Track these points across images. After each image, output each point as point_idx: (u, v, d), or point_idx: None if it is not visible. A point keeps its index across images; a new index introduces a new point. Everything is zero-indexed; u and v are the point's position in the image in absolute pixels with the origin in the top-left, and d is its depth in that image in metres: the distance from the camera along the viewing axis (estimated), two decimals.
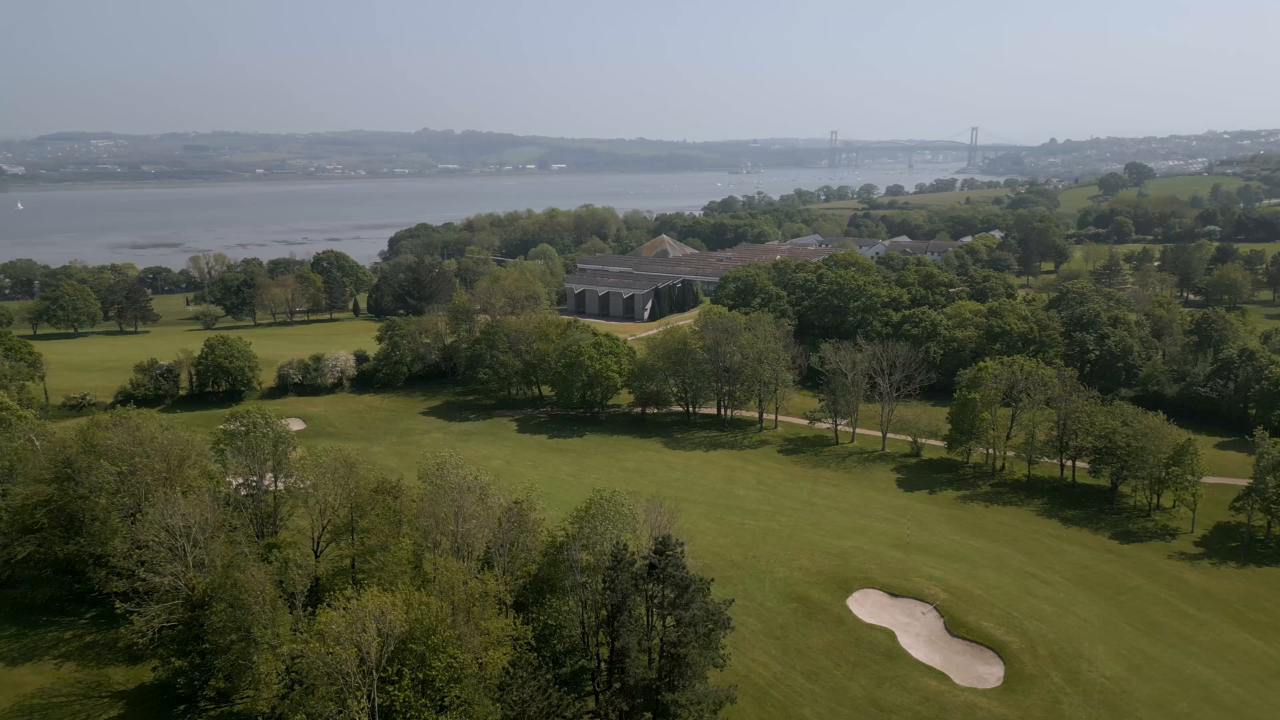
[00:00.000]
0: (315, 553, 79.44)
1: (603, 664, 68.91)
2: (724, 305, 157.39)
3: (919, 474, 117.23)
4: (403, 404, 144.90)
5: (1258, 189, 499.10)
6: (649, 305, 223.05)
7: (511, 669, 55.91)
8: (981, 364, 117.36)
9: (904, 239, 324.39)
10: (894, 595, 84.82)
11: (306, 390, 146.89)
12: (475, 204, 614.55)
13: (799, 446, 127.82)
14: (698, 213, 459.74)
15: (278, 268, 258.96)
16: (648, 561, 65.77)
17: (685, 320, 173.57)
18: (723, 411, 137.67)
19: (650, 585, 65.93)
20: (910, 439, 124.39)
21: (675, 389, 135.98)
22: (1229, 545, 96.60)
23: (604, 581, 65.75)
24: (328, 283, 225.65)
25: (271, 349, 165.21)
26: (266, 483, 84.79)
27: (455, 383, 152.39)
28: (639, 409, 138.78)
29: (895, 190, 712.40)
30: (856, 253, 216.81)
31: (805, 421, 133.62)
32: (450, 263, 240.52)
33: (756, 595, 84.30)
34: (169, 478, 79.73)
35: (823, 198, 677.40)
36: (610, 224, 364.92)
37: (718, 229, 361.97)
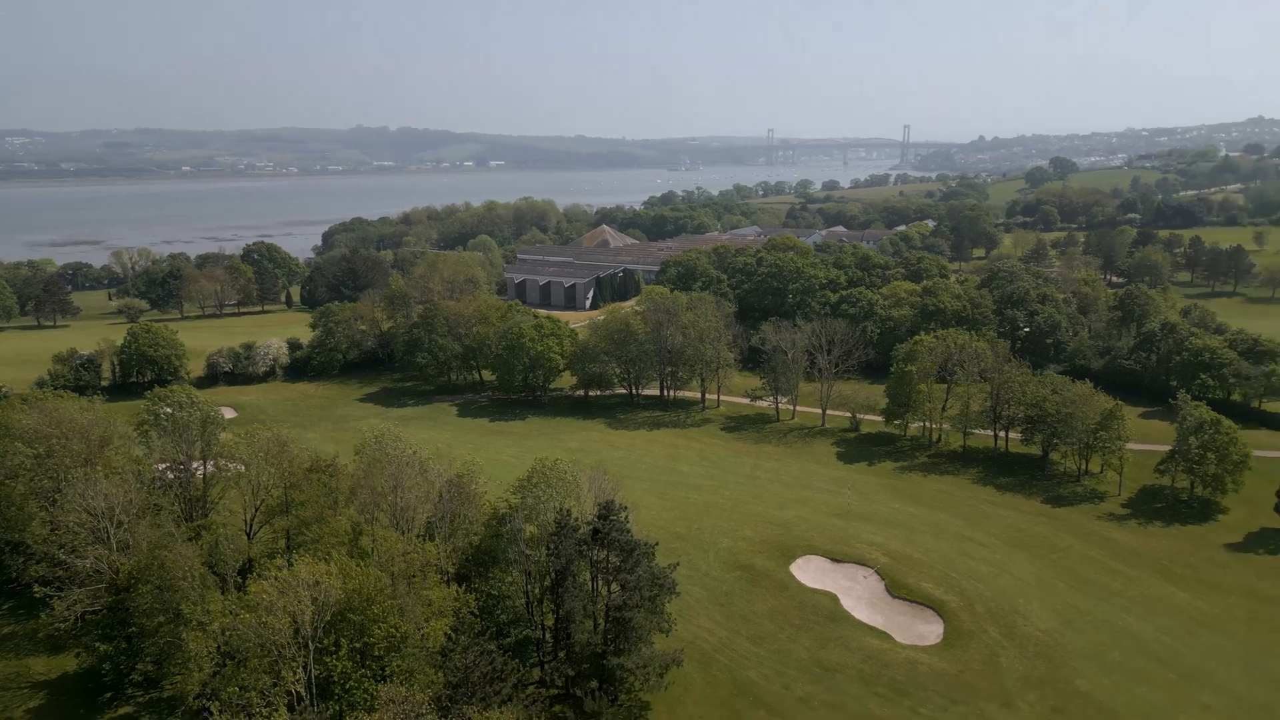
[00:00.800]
0: (248, 535, 76.91)
1: (547, 633, 68.14)
2: (666, 288, 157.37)
3: (858, 447, 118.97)
4: (338, 391, 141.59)
5: (1175, 181, 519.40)
6: (590, 294, 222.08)
7: (454, 634, 54.69)
8: (918, 338, 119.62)
9: (840, 229, 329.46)
10: (836, 561, 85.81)
11: (238, 379, 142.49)
12: (412, 200, 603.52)
13: (741, 424, 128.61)
14: (638, 207, 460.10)
15: (206, 261, 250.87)
16: (592, 527, 65.26)
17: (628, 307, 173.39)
18: (666, 392, 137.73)
19: (594, 550, 65.49)
20: (849, 414, 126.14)
21: (618, 371, 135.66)
22: (1154, 506, 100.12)
23: (548, 548, 65.02)
24: (259, 274, 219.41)
25: (200, 340, 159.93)
26: (195, 466, 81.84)
27: (393, 369, 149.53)
28: (582, 391, 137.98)
29: (831, 185, 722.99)
30: (795, 238, 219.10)
31: (747, 400, 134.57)
32: (387, 253, 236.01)
33: (701, 565, 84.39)
34: (89, 459, 76.31)
35: (761, 193, 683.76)
36: (550, 217, 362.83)
37: (658, 221, 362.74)
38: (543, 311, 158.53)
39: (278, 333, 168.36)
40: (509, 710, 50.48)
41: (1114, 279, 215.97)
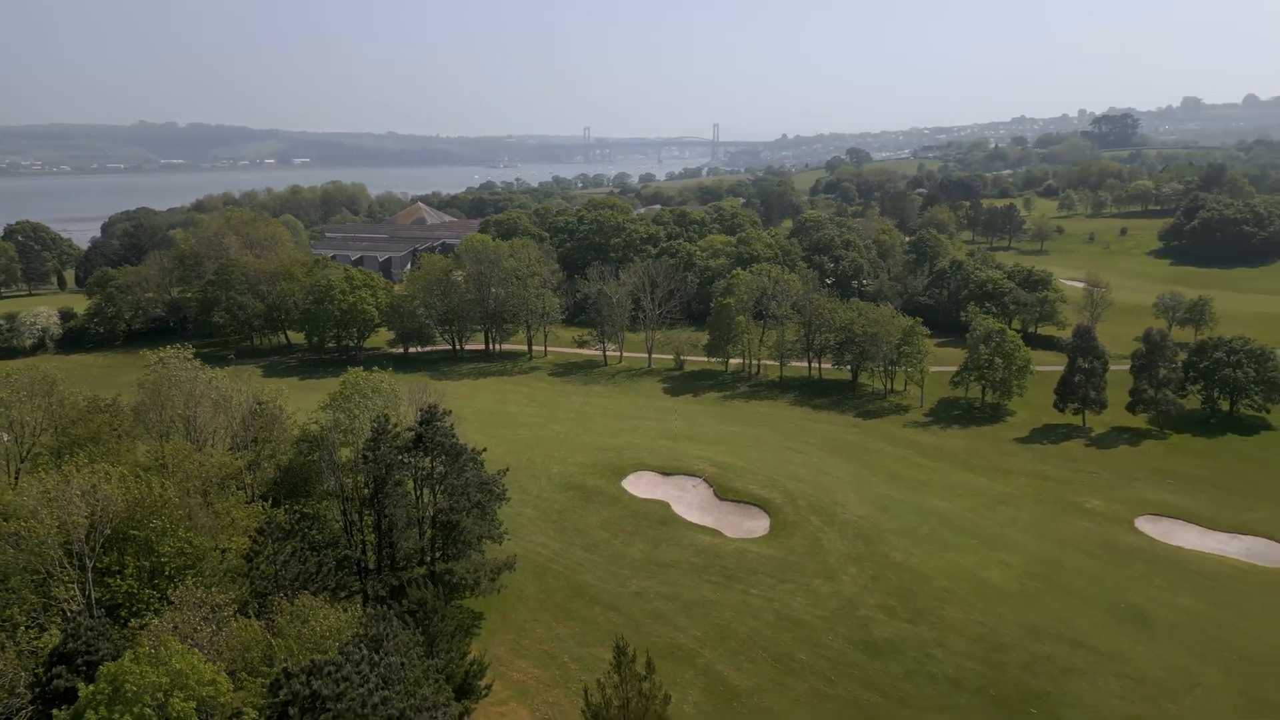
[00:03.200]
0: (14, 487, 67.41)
1: (369, 550, 63.92)
2: (487, 236, 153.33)
3: (683, 382, 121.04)
4: (123, 360, 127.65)
5: (953, 169, 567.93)
6: (407, 268, 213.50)
7: (259, 537, 49.91)
8: (735, 272, 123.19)
9: (657, 206, 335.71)
10: (666, 474, 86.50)
11: (1, 354, 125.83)
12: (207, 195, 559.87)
13: (569, 370, 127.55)
14: (458, 193, 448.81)
15: None
16: (414, 433, 61.81)
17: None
18: (491, 345, 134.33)
19: (417, 457, 62.09)
20: (674, 356, 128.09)
21: (438, 331, 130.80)
22: (952, 414, 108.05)
23: (364, 458, 60.84)
24: (24, 254, 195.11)
25: None
26: None
27: (187, 336, 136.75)
28: (401, 348, 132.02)
29: (648, 178, 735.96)
30: (616, 199, 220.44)
31: (575, 349, 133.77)
32: (178, 231, 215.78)
33: (533, 489, 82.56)
34: None
35: (580, 185, 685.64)
36: (362, 200, 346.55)
37: (477, 204, 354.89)
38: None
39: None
40: (324, 597, 46.55)
41: (907, 238, 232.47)
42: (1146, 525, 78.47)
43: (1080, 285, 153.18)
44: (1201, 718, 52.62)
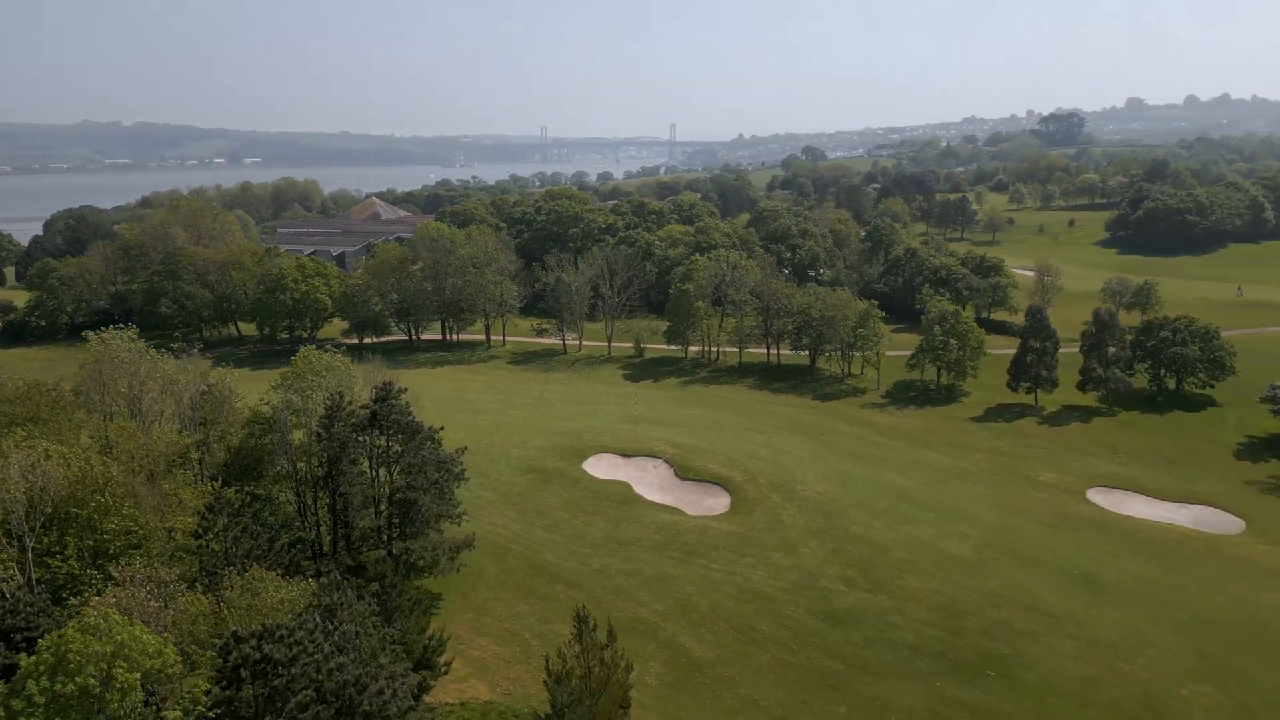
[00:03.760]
0: None
1: (324, 529, 62.56)
2: (443, 224, 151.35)
3: (643, 369, 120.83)
4: (66, 354, 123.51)
5: (907, 166, 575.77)
6: (363, 262, 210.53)
7: (209, 514, 48.48)
8: (693, 258, 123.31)
9: (615, 201, 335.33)
10: (627, 456, 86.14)
11: None
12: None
13: (528, 359, 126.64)
14: (414, 189, 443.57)
15: None
16: (369, 410, 60.65)
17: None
18: (448, 335, 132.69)
19: (373, 436, 60.94)
20: (634, 343, 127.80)
21: (394, 321, 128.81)
22: (908, 395, 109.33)
23: (317, 436, 59.56)
24: None
25: None
26: None
27: (134, 327, 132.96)
28: (355, 339, 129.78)
29: (606, 177, 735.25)
30: (574, 189, 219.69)
31: (534, 338, 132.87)
32: (124, 226, 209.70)
33: (492, 473, 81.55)
34: None
35: (538, 183, 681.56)
36: (315, 197, 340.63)
37: (433, 200, 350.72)
38: None
39: None
40: (277, 572, 45.30)
41: (862, 230, 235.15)
42: (1098, 496, 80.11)
43: (1031, 274, 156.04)
44: (1155, 676, 53.63)
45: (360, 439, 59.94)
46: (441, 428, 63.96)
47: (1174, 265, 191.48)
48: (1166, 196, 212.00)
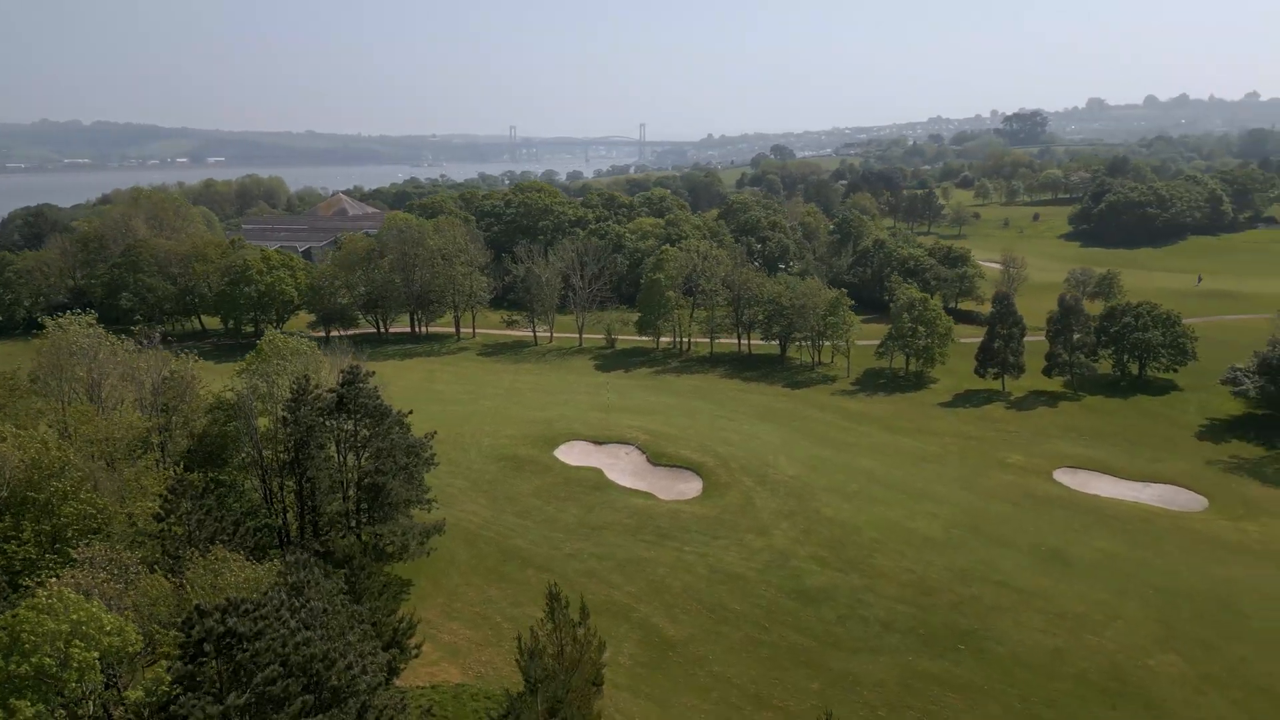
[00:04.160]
0: None
1: (290, 514, 61.52)
2: (410, 215, 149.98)
3: (615, 359, 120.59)
4: (24, 349, 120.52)
5: (874, 164, 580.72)
6: (330, 254, 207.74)
7: (171, 497, 47.36)
8: (664, 249, 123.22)
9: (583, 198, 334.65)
10: (599, 443, 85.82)
11: None
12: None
13: (499, 350, 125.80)
14: (383, 186, 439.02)
15: None
16: (336, 394, 59.76)
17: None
18: (417, 328, 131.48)
19: (340, 420, 60.04)
20: (605, 335, 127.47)
21: (362, 316, 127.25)
22: (877, 382, 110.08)
23: (283, 420, 58.54)
24: None
25: None
26: None
27: (93, 313, 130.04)
28: (322, 331, 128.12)
29: (576, 175, 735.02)
30: (543, 183, 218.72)
31: (504, 330, 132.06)
32: (83, 220, 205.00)
33: (462, 462, 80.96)
34: None
35: (507, 182, 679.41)
36: (280, 194, 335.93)
37: (401, 197, 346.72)
38: None
39: None
40: (241, 553, 44.37)
41: (831, 223, 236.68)
42: (1064, 476, 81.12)
43: (997, 266, 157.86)
44: (1121, 647, 54.30)
45: (327, 423, 59.03)
46: (410, 411, 63.23)
47: (1135, 257, 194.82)
48: (1128, 190, 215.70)
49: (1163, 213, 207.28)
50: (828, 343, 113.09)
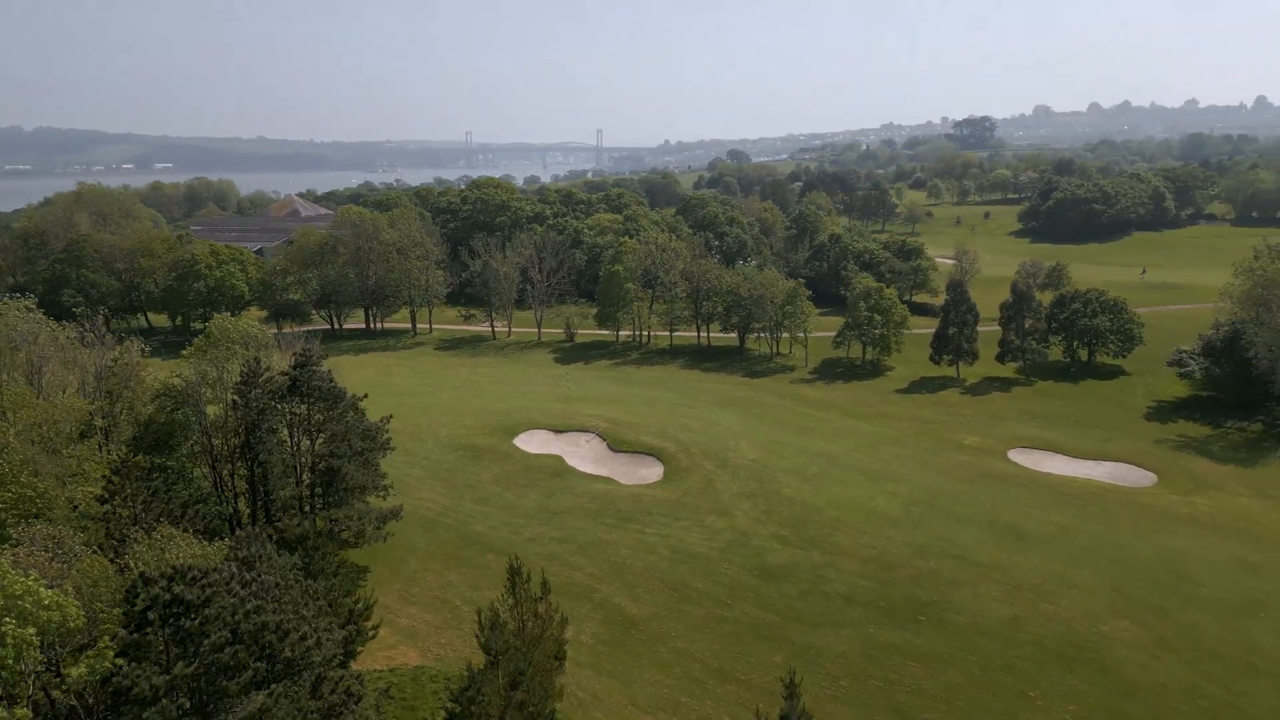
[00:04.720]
0: None
1: (241, 501, 59.92)
2: (365, 210, 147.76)
3: (574, 352, 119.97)
4: None
5: (828, 168, 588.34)
6: (281, 249, 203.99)
7: (114, 477, 45.80)
8: (623, 241, 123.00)
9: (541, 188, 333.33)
10: (559, 432, 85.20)
11: None
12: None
13: (456, 345, 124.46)
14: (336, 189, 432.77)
15: None
16: (288, 377, 58.39)
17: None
18: (372, 323, 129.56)
19: (293, 403, 58.67)
20: (564, 328, 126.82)
21: (314, 312, 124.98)
22: (835, 371, 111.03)
23: (233, 404, 57.05)
24: None
25: None
26: None
27: (32, 297, 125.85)
28: (274, 327, 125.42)
29: (533, 180, 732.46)
30: (500, 179, 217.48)
31: (462, 325, 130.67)
32: (23, 219, 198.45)
33: (419, 451, 79.79)
34: None
35: (462, 186, 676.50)
36: (230, 196, 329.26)
37: (355, 199, 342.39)
38: None
39: None
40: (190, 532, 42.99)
41: (788, 219, 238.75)
42: (1019, 456, 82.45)
43: (951, 261, 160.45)
44: (1077, 615, 55.15)
45: (280, 406, 57.65)
46: (365, 395, 62.07)
47: (1083, 252, 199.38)
48: (1074, 187, 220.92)
49: (1108, 209, 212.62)
50: (786, 334, 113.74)
